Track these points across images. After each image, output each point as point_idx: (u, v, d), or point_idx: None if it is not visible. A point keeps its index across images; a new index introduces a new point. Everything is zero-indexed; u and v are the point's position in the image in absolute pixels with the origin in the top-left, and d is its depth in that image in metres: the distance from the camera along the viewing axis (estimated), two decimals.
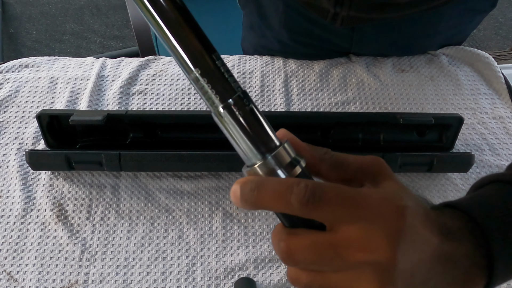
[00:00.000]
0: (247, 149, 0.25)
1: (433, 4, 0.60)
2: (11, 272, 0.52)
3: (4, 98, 0.65)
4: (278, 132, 0.28)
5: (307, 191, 0.24)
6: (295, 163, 0.25)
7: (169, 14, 0.23)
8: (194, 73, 0.24)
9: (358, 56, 0.72)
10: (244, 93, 0.24)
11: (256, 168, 0.25)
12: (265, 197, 0.24)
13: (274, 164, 0.25)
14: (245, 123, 0.24)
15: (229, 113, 0.24)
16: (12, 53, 1.83)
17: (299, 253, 0.25)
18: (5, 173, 0.59)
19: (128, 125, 0.58)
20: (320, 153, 0.28)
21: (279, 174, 0.25)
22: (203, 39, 0.24)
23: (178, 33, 0.23)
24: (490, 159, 0.62)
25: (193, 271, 0.53)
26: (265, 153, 0.25)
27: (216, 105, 0.24)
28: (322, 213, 0.24)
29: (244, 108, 0.24)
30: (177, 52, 0.24)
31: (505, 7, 1.95)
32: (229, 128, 0.24)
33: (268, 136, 0.25)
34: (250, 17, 0.76)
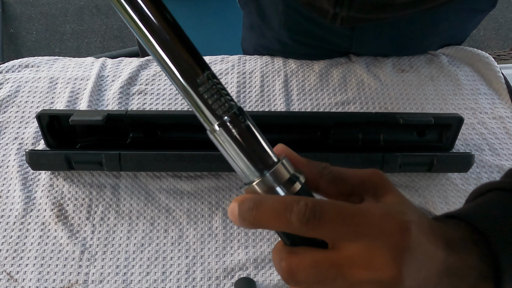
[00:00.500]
0: (244, 166, 0.24)
1: (433, 4, 0.60)
2: (11, 272, 0.52)
3: (4, 98, 0.65)
4: (276, 147, 0.27)
5: (307, 210, 0.23)
6: (294, 180, 0.25)
7: (162, 32, 0.23)
8: (188, 91, 0.23)
9: (358, 56, 0.72)
10: (239, 110, 0.24)
11: (254, 186, 0.25)
12: (264, 216, 0.24)
13: (272, 181, 0.24)
14: (241, 140, 0.24)
15: (225, 130, 0.23)
16: (12, 53, 1.83)
17: (301, 273, 0.24)
18: (5, 173, 0.59)
19: (128, 125, 0.58)
20: (319, 168, 0.28)
21: (278, 191, 0.24)
22: (196, 56, 0.23)
23: (170, 50, 0.23)
24: (490, 159, 0.62)
25: (193, 271, 0.53)
26: (263, 170, 0.24)
27: (211, 122, 0.24)
28: (323, 231, 0.24)
29: (240, 125, 0.24)
30: (170, 69, 0.23)
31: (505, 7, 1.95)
32: (225, 146, 0.24)
33: (266, 153, 0.24)
34: (250, 17, 0.76)
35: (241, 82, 0.68)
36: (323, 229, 0.23)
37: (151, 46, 0.23)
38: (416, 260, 0.24)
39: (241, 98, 0.66)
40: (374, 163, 0.57)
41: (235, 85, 0.67)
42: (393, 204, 0.26)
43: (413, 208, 0.26)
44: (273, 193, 0.25)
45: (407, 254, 0.23)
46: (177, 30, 0.23)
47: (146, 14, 0.22)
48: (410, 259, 0.23)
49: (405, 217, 0.24)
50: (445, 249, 0.25)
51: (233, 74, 0.69)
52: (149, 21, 0.23)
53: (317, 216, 0.23)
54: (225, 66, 0.70)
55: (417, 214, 0.26)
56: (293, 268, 0.24)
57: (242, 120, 0.24)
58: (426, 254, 0.24)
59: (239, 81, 0.68)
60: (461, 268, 0.26)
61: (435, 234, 0.26)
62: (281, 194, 0.24)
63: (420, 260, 0.24)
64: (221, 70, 0.69)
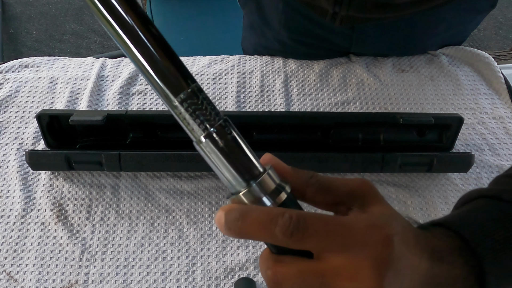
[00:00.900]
0: (230, 177, 0.25)
1: (432, 4, 0.60)
2: (11, 272, 0.52)
3: (4, 98, 0.65)
4: (263, 157, 0.28)
5: (292, 223, 0.23)
6: (280, 189, 0.25)
7: (145, 44, 0.23)
8: (173, 102, 0.23)
9: (358, 56, 0.72)
10: (225, 121, 0.24)
11: (241, 196, 0.25)
12: (249, 228, 0.24)
13: (259, 191, 0.25)
14: (227, 151, 0.24)
15: (211, 141, 0.24)
16: (12, 53, 1.83)
17: (287, 282, 0.25)
18: (5, 173, 0.59)
19: (128, 125, 0.58)
20: (306, 177, 0.28)
21: (264, 202, 0.25)
22: (182, 70, 0.23)
23: (155, 63, 0.23)
24: (490, 159, 0.62)
25: (193, 271, 0.53)
26: (249, 181, 0.24)
27: (197, 134, 0.24)
28: (307, 244, 0.24)
29: (226, 137, 0.24)
30: (155, 81, 0.23)
31: (505, 7, 1.95)
32: (212, 157, 0.24)
33: (252, 163, 0.25)
34: (250, 16, 0.76)
35: (241, 82, 0.68)
36: (307, 241, 0.24)
37: (136, 60, 0.23)
38: (398, 272, 0.24)
39: (241, 98, 0.66)
40: (374, 163, 0.57)
41: (235, 85, 0.67)
42: (378, 216, 0.26)
43: (399, 220, 0.27)
44: (260, 203, 0.25)
45: (389, 266, 0.24)
46: (162, 44, 0.23)
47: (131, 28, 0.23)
48: (392, 271, 0.24)
49: (388, 229, 0.25)
50: (429, 260, 0.26)
51: (233, 74, 0.69)
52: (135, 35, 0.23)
53: (301, 229, 0.23)
54: (225, 66, 0.70)
55: (402, 226, 0.26)
56: (279, 277, 0.25)
57: (228, 131, 0.24)
58: (409, 266, 0.25)
59: (239, 81, 0.68)
60: (446, 278, 0.26)
61: (420, 245, 0.26)
62: (267, 204, 0.25)
63: (402, 272, 0.24)
64: (221, 70, 0.69)
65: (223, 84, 0.68)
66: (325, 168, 0.58)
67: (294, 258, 0.25)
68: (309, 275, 0.24)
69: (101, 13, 0.23)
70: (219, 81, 0.68)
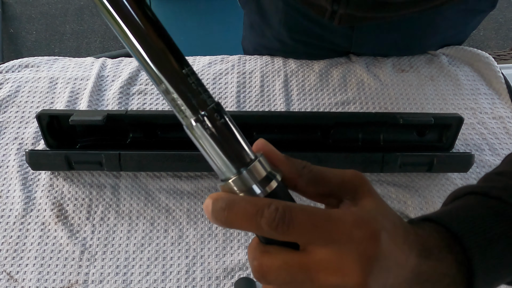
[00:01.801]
0: (221, 163, 0.24)
1: (432, 4, 0.60)
2: (11, 272, 0.52)
3: (4, 98, 0.65)
4: (256, 142, 0.27)
5: (277, 215, 0.23)
6: (271, 178, 0.25)
7: (139, 25, 0.22)
8: (164, 85, 0.23)
9: (358, 56, 0.72)
10: (218, 105, 0.24)
11: (230, 183, 0.24)
12: (235, 218, 0.24)
13: (249, 179, 0.24)
14: (218, 136, 0.23)
15: (201, 126, 0.23)
16: (12, 53, 1.83)
17: (272, 273, 0.25)
18: (5, 173, 0.59)
19: (128, 125, 0.58)
20: (298, 167, 0.28)
21: (254, 189, 0.24)
22: (176, 53, 0.23)
23: (147, 44, 0.22)
24: (490, 159, 0.62)
25: (193, 271, 0.53)
26: (240, 168, 0.24)
27: (188, 117, 0.23)
28: (293, 236, 0.24)
29: (218, 121, 0.23)
30: (148, 65, 0.23)
31: (505, 7, 1.95)
32: (202, 141, 0.24)
33: (243, 150, 0.24)
34: (250, 16, 0.76)
35: (241, 82, 0.68)
36: (292, 234, 0.24)
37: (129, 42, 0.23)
38: (384, 268, 0.24)
39: (241, 98, 0.66)
40: (374, 163, 0.57)
41: (235, 85, 0.67)
42: (367, 210, 0.26)
43: (389, 215, 0.26)
44: (249, 190, 0.24)
45: (375, 262, 0.24)
46: (157, 27, 0.23)
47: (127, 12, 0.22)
48: (378, 267, 0.24)
49: (376, 225, 0.25)
50: (417, 257, 0.26)
51: (233, 74, 0.69)
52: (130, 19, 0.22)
53: (286, 221, 0.23)
54: (225, 66, 0.70)
55: (391, 221, 0.26)
56: (264, 268, 0.25)
57: (219, 115, 0.23)
58: (396, 262, 0.25)
59: (239, 81, 0.68)
60: (433, 275, 0.26)
61: (409, 241, 0.26)
62: (257, 192, 0.24)
63: (388, 268, 0.24)
64: (221, 70, 0.69)
65: (223, 84, 0.68)
66: None
67: (281, 249, 0.25)
68: (294, 268, 0.24)
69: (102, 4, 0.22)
70: (219, 81, 0.68)
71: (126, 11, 0.22)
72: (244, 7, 0.77)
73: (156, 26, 0.23)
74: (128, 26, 0.22)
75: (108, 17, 0.22)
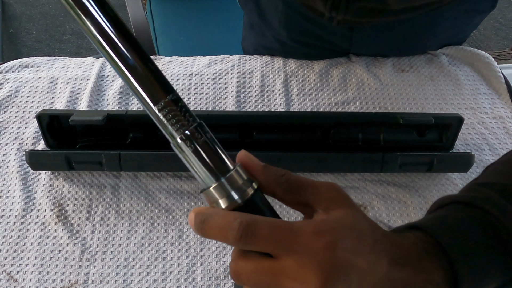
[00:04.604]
0: (203, 174, 0.28)
1: (429, 9, 0.60)
2: (11, 272, 0.52)
3: (4, 98, 0.65)
4: (238, 154, 0.30)
5: (241, 228, 0.26)
6: (248, 185, 0.28)
7: (129, 60, 0.26)
8: (153, 109, 0.27)
9: (358, 56, 0.72)
10: (200, 125, 0.27)
11: (211, 190, 0.28)
12: (210, 231, 0.27)
13: (227, 186, 0.27)
14: (201, 151, 0.27)
15: (185, 143, 0.27)
16: (12, 53, 1.83)
17: (244, 275, 0.28)
18: (5, 173, 0.59)
19: (128, 125, 0.58)
20: (276, 175, 0.30)
21: (233, 195, 0.27)
22: (161, 80, 0.27)
23: (138, 76, 0.26)
24: (490, 159, 0.62)
25: (193, 271, 0.53)
26: (219, 177, 0.27)
27: (174, 136, 0.27)
28: (256, 246, 0.26)
29: (199, 139, 0.27)
30: (138, 91, 0.26)
31: (505, 7, 1.95)
32: (186, 156, 0.27)
33: (222, 162, 0.28)
34: (250, 16, 0.76)
35: (241, 82, 0.68)
36: (255, 244, 0.26)
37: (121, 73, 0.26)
38: (343, 275, 0.26)
39: (241, 98, 0.66)
40: (374, 163, 0.57)
41: (235, 85, 0.67)
42: (332, 221, 0.28)
43: (358, 224, 0.28)
44: (228, 197, 0.27)
45: (332, 269, 0.26)
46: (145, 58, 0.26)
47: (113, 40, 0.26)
48: (335, 274, 0.26)
49: (334, 235, 0.26)
50: (389, 264, 0.27)
51: (233, 74, 0.69)
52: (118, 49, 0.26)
53: (249, 234, 0.26)
54: (225, 66, 0.70)
55: (357, 231, 0.27)
56: (238, 270, 0.28)
57: (201, 134, 0.27)
58: (357, 270, 0.26)
59: (239, 81, 0.68)
60: (410, 283, 0.27)
61: (378, 250, 0.27)
62: (235, 198, 0.27)
63: (348, 276, 0.26)
64: (221, 70, 0.69)
65: (223, 84, 0.68)
66: (325, 168, 0.58)
67: (255, 255, 0.28)
68: (264, 273, 0.27)
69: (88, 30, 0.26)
70: (219, 81, 0.68)
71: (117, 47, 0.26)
72: (244, 7, 0.77)
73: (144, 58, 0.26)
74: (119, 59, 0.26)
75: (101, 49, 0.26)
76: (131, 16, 1.04)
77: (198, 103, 0.66)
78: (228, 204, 0.27)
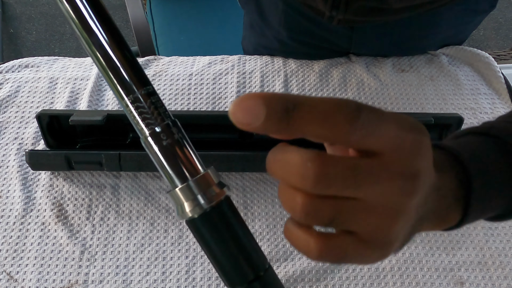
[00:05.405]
0: (171, 173, 0.26)
1: (430, 7, 0.60)
2: (11, 272, 0.52)
3: (4, 98, 0.65)
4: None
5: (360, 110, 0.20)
6: (217, 190, 0.26)
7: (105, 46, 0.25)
8: (125, 101, 0.25)
9: (358, 56, 0.72)
10: (173, 123, 0.26)
11: (176, 192, 0.26)
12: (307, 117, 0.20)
13: (194, 189, 0.25)
14: (170, 150, 0.25)
15: (154, 140, 0.25)
16: (12, 53, 1.83)
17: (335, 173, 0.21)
18: (5, 173, 0.59)
19: (128, 125, 0.58)
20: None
21: (199, 199, 0.25)
22: (137, 72, 0.26)
23: (112, 65, 0.25)
24: None
25: (193, 271, 0.53)
26: (187, 179, 0.25)
27: (144, 131, 0.25)
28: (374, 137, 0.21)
29: (170, 137, 0.25)
30: (111, 80, 0.25)
31: (505, 7, 1.95)
32: (154, 154, 0.26)
33: (191, 163, 0.26)
34: (250, 16, 0.76)
35: (241, 82, 0.68)
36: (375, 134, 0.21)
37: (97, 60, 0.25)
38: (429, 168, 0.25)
39: None
40: None
41: (235, 85, 0.67)
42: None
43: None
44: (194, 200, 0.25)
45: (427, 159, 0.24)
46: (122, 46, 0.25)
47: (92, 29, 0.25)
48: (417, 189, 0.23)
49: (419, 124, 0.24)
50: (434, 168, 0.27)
51: (233, 74, 0.69)
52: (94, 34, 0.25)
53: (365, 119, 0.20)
54: (225, 66, 0.70)
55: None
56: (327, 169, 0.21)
57: (172, 132, 0.26)
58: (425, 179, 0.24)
59: (239, 81, 0.68)
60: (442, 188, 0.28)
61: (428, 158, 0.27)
62: (201, 202, 0.25)
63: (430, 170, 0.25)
64: (221, 70, 0.69)
65: (223, 84, 0.68)
66: None
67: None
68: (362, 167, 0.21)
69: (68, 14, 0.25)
70: (219, 81, 0.68)
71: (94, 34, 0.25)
72: (244, 7, 0.77)
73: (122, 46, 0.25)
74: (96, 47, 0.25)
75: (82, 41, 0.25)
76: (131, 16, 1.03)
77: (198, 103, 0.66)
78: (192, 208, 0.25)
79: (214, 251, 0.26)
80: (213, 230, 0.26)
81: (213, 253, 0.26)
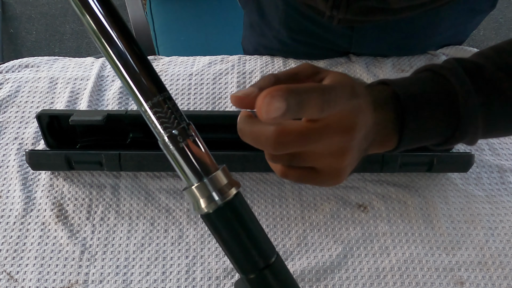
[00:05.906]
0: (187, 172, 0.28)
1: (430, 7, 0.60)
2: (11, 272, 0.52)
3: (4, 98, 0.65)
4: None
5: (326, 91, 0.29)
6: (230, 187, 0.28)
7: (125, 56, 0.27)
8: (144, 106, 0.27)
9: (358, 56, 0.72)
10: (188, 125, 0.28)
11: (193, 189, 0.28)
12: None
13: (209, 186, 0.28)
14: (186, 150, 0.28)
15: (172, 142, 0.28)
16: (12, 53, 1.83)
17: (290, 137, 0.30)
18: (5, 173, 0.59)
19: (128, 125, 0.58)
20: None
21: (214, 196, 0.28)
22: (154, 79, 0.27)
23: (132, 72, 0.27)
24: (490, 159, 0.62)
25: (193, 271, 0.53)
26: (202, 177, 0.28)
27: (162, 134, 0.27)
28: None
29: (186, 139, 0.28)
30: (130, 87, 0.27)
31: (505, 7, 1.95)
32: (172, 155, 0.28)
33: (206, 163, 0.28)
34: (250, 16, 0.76)
35: (241, 82, 0.68)
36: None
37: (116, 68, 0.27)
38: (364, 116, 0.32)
39: None
40: (374, 163, 0.57)
41: (235, 85, 0.67)
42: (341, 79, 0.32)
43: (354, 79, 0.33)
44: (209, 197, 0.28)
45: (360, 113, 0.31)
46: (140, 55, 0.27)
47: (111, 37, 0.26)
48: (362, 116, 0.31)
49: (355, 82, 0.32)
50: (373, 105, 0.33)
51: (233, 74, 0.69)
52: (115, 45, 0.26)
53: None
54: (225, 66, 0.70)
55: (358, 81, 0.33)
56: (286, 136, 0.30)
57: (188, 134, 0.28)
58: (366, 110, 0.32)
59: (239, 81, 0.68)
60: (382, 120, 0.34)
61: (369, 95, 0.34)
62: (215, 198, 0.28)
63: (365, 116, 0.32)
64: (221, 70, 0.69)
65: (223, 84, 0.68)
66: None
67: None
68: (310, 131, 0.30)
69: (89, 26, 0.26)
70: (219, 81, 0.68)
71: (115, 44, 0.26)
72: (244, 7, 0.77)
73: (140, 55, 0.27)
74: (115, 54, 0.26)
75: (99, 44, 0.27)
76: (131, 16, 1.04)
77: (198, 103, 0.66)
78: (207, 204, 0.28)
79: (228, 242, 0.29)
80: (226, 224, 0.28)
81: (227, 244, 0.29)
